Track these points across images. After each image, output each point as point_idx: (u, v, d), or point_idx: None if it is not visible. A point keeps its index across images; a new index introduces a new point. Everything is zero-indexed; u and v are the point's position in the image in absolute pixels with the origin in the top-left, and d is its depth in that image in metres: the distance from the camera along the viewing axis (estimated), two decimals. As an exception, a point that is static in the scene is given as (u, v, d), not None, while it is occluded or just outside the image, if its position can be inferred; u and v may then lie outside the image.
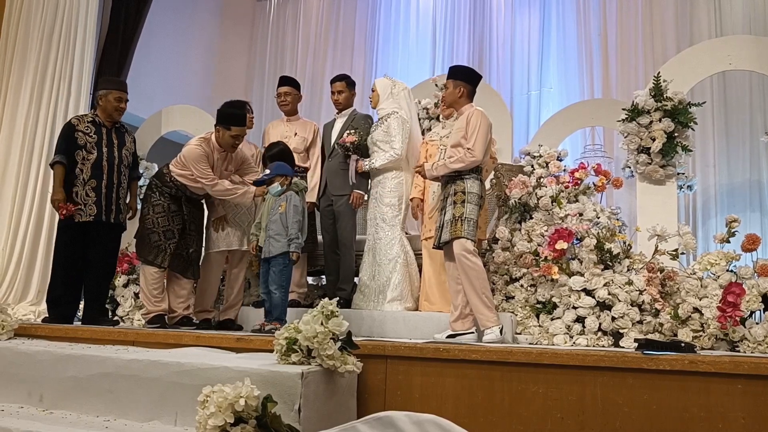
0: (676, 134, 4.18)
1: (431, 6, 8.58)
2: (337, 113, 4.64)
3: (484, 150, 3.60)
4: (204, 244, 4.45)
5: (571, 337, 3.62)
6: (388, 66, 8.44)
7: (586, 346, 3.51)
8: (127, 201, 4.58)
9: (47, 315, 4.44)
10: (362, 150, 4.31)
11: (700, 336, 3.30)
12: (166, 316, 4.27)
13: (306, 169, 4.62)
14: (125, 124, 4.68)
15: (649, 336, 3.37)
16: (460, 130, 3.66)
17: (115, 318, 4.85)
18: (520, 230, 4.13)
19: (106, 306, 4.73)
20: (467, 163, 3.57)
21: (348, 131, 4.33)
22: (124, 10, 6.32)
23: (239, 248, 4.36)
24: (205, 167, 4.12)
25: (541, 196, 4.20)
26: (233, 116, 4.19)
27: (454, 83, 3.77)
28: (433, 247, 3.75)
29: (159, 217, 4.23)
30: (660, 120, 4.16)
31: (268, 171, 3.95)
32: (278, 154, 4.15)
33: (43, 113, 5.73)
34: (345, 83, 4.60)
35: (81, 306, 4.60)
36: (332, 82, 4.67)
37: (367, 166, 4.26)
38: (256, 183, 4.08)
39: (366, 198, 4.42)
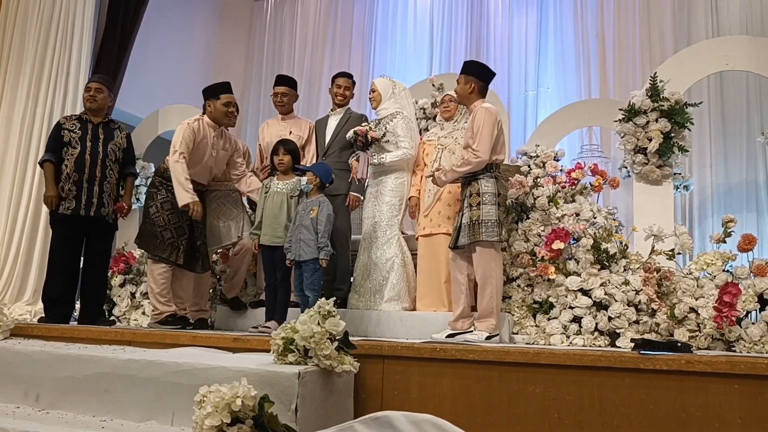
0: (672, 134, 4.19)
1: (429, 6, 8.59)
2: (332, 110, 4.64)
3: (491, 147, 3.53)
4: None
5: (568, 337, 3.62)
6: (386, 66, 8.44)
7: (583, 346, 3.52)
8: (122, 196, 4.57)
9: (43, 315, 4.43)
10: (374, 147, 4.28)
11: (697, 336, 3.31)
12: (186, 315, 4.30)
13: (303, 167, 4.63)
14: (116, 120, 4.69)
15: (646, 336, 3.37)
16: (469, 130, 3.63)
17: (112, 318, 4.84)
18: (517, 230, 4.13)
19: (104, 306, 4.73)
20: (474, 165, 3.55)
21: (367, 125, 4.23)
22: (122, 7, 6.31)
23: (227, 243, 4.40)
24: (183, 142, 4.06)
25: (538, 196, 4.21)
26: (217, 86, 4.26)
27: (466, 78, 3.72)
28: (449, 246, 3.73)
29: (168, 213, 4.17)
30: (657, 120, 4.17)
31: (309, 165, 3.90)
32: (290, 150, 4.15)
33: (39, 111, 5.72)
34: (351, 81, 4.63)
35: (77, 305, 4.60)
36: (338, 76, 4.66)
37: (376, 161, 4.24)
38: (295, 169, 4.00)
39: (362, 199, 4.41)
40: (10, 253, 5.47)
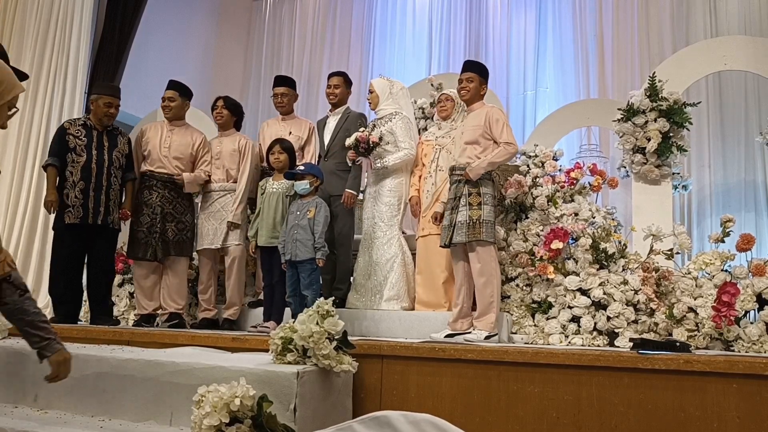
0: (671, 134, 4.19)
1: (428, 5, 8.58)
2: (331, 110, 4.63)
3: None
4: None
5: (567, 336, 3.62)
6: (385, 65, 8.43)
7: (582, 345, 3.52)
8: (123, 202, 4.57)
9: (53, 315, 4.43)
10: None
11: (695, 335, 3.31)
12: (156, 317, 4.46)
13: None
14: (119, 127, 4.67)
15: (645, 335, 3.37)
16: (478, 127, 3.65)
17: (116, 318, 4.84)
18: (515, 230, 4.13)
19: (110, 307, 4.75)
20: (510, 155, 3.66)
21: (364, 129, 4.18)
22: (120, 8, 6.30)
23: (210, 246, 4.43)
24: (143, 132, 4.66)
25: (537, 196, 4.21)
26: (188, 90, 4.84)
27: (480, 79, 3.76)
28: (440, 246, 3.73)
29: (140, 215, 4.45)
30: (655, 120, 4.17)
31: (302, 167, 3.90)
32: (286, 149, 4.15)
33: (37, 113, 5.71)
34: (343, 79, 4.59)
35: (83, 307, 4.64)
36: (330, 76, 4.66)
37: (380, 165, 4.22)
38: (287, 176, 3.96)
39: (360, 198, 4.40)
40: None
